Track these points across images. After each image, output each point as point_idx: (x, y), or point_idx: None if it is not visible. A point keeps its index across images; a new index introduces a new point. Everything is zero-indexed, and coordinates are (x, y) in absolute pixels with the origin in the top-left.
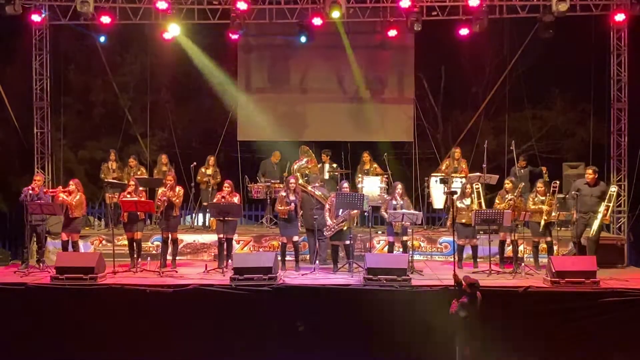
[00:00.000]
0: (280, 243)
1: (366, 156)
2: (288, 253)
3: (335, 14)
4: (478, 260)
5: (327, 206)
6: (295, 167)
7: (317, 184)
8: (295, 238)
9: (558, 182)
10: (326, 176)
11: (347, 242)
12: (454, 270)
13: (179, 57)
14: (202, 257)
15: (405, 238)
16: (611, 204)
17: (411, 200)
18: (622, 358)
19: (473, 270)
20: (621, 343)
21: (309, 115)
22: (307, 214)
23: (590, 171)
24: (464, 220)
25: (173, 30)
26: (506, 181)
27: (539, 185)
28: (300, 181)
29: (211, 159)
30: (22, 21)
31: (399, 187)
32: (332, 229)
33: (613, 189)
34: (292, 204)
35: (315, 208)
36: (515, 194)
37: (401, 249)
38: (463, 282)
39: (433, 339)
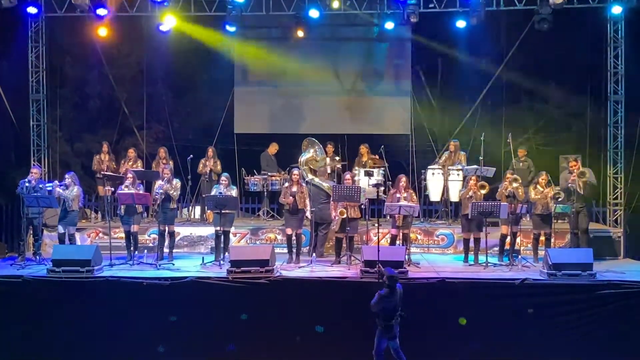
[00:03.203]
0: (286, 235)
1: (363, 149)
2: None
3: (335, 4)
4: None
5: (332, 199)
6: (302, 159)
7: (324, 177)
8: (298, 231)
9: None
10: (328, 170)
11: (351, 234)
12: (378, 264)
13: (176, 50)
14: (199, 249)
15: (406, 231)
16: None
17: None
18: (619, 350)
19: (471, 264)
20: (618, 335)
21: (306, 108)
22: (315, 207)
23: (573, 162)
24: (467, 212)
25: (169, 22)
26: (508, 173)
27: (543, 177)
28: (309, 175)
29: (210, 151)
30: (17, 13)
31: (403, 179)
32: (336, 222)
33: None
34: (290, 197)
35: (324, 201)
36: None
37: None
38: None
39: (430, 332)
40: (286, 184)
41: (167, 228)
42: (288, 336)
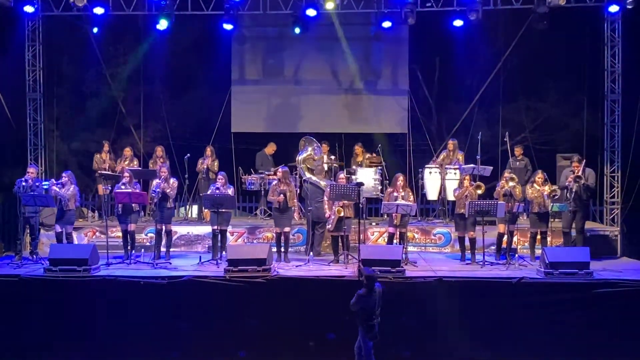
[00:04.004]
0: (274, 234)
1: (358, 148)
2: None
3: (329, 5)
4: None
5: (325, 198)
6: (300, 158)
7: (321, 176)
8: (287, 229)
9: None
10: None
11: (346, 233)
12: (359, 263)
13: (173, 48)
14: (196, 248)
15: (403, 230)
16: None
17: None
18: (616, 349)
19: (468, 263)
20: (615, 334)
21: (303, 106)
22: (313, 206)
23: (576, 164)
24: (462, 211)
25: (166, 21)
26: (506, 172)
27: (539, 175)
28: (307, 174)
29: (208, 150)
30: (14, 12)
31: (401, 178)
32: (332, 221)
33: None
34: (281, 195)
35: (322, 200)
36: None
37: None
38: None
39: (427, 330)
40: (274, 182)
41: (164, 227)
42: (285, 335)
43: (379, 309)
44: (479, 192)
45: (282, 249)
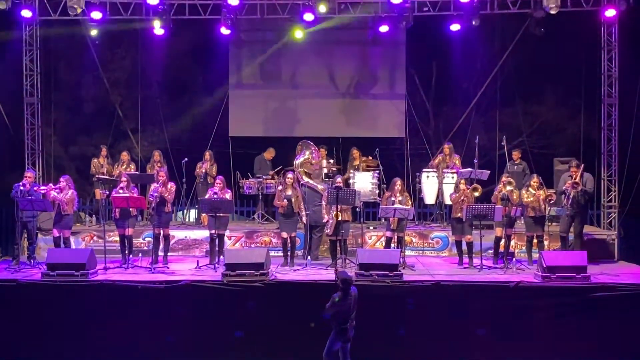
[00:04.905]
0: (281, 239)
1: (355, 152)
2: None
3: (322, 9)
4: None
5: (323, 203)
6: (298, 162)
7: (319, 179)
8: (293, 234)
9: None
10: (325, 171)
11: (344, 237)
12: (335, 266)
13: (170, 53)
14: (193, 253)
15: (401, 234)
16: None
17: None
18: (614, 353)
19: (464, 267)
20: (612, 337)
21: (301, 110)
22: (310, 209)
23: (574, 169)
24: (459, 215)
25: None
26: (503, 176)
27: (534, 179)
28: (305, 178)
29: (207, 154)
30: (12, 16)
31: (398, 183)
32: (330, 225)
33: None
34: (285, 200)
35: (319, 204)
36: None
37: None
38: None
39: (425, 334)
40: (280, 187)
41: (161, 231)
42: (283, 338)
43: (354, 312)
44: (476, 194)
45: (289, 253)
